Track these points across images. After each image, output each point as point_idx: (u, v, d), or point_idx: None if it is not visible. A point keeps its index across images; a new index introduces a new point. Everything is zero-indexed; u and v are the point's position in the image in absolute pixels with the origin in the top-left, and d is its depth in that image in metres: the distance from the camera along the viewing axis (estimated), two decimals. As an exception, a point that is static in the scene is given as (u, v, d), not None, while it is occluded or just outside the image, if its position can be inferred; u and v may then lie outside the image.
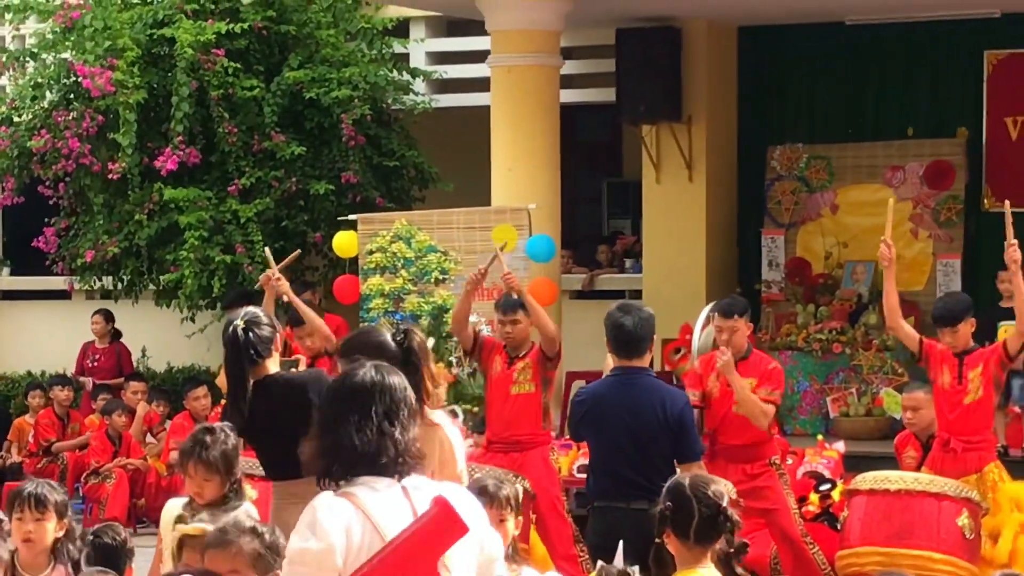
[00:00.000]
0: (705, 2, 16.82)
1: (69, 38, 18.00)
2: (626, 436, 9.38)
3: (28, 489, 7.29)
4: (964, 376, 11.27)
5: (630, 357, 9.57)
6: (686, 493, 6.09)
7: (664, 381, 10.00)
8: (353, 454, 5.14)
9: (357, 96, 17.47)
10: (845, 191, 18.08)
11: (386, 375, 5.31)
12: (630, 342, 9.57)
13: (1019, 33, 17.38)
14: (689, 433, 9.40)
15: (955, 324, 11.34)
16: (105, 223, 17.74)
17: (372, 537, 5.06)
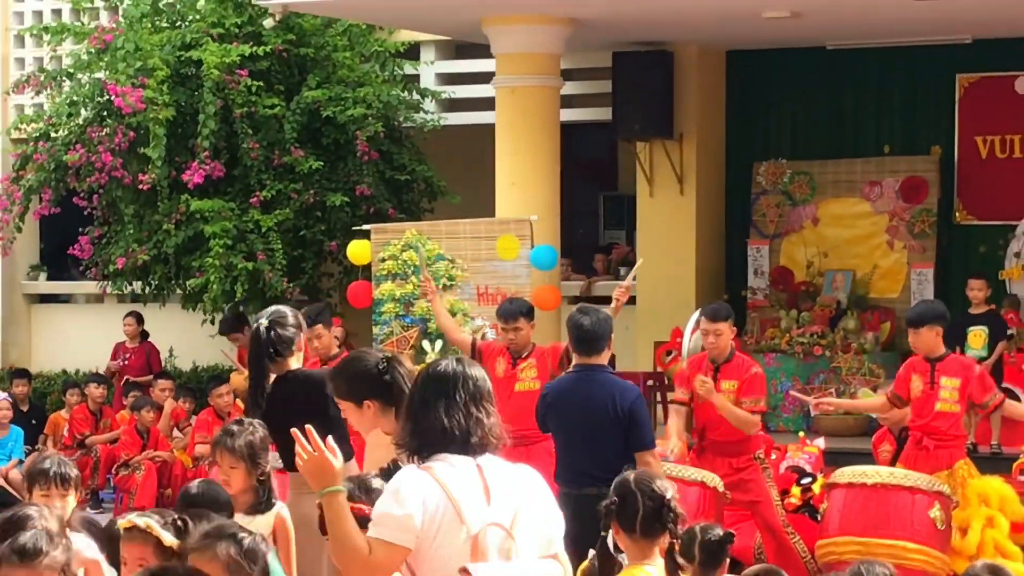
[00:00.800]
0: (696, 28, 16.83)
1: (103, 59, 18.01)
2: (581, 428, 9.45)
3: (53, 469, 7.25)
4: (936, 382, 11.27)
5: (588, 355, 9.63)
6: (631, 487, 5.99)
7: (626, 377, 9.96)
8: (442, 435, 5.43)
9: (371, 114, 17.49)
10: (826, 204, 18.10)
11: (467, 367, 5.60)
12: (588, 341, 9.60)
13: (989, 58, 17.40)
14: (639, 425, 9.34)
15: (918, 327, 11.36)
16: (135, 232, 17.76)
17: (447, 506, 5.31)
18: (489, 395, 5.61)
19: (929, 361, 11.37)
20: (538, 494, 5.56)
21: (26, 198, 18.36)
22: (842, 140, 18.27)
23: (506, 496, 5.46)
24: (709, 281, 18.07)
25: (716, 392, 11.41)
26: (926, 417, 11.33)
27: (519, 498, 5.48)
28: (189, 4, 18.25)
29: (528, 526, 5.47)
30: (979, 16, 15.82)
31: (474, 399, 5.55)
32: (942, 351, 11.44)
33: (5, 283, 20.65)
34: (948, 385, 11.27)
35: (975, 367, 11.60)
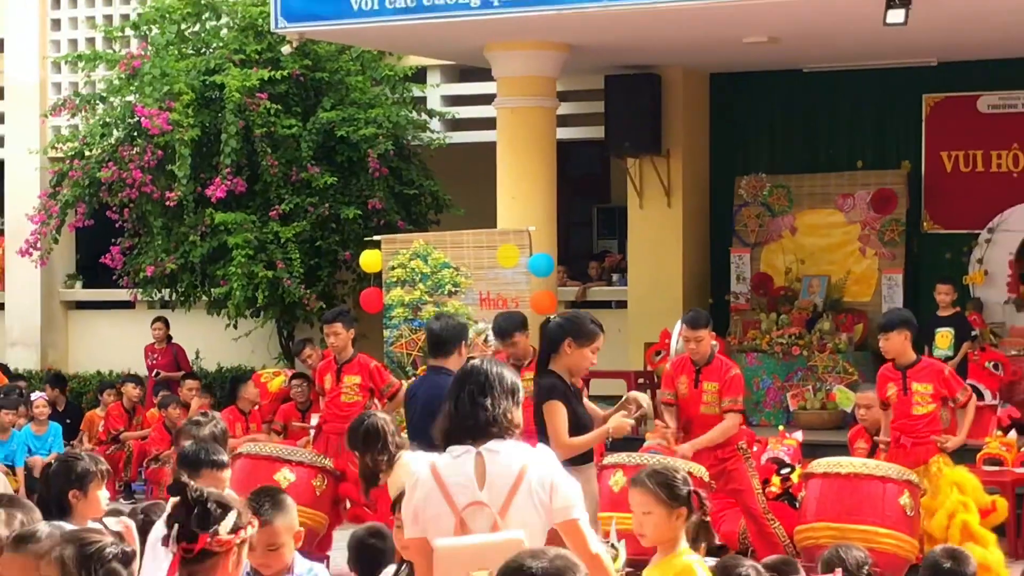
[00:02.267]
0: (681, 53, 16.80)
1: (132, 84, 18.01)
2: (419, 424, 9.37)
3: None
4: (909, 388, 11.27)
5: (436, 356, 9.70)
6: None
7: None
8: (450, 426, 5.69)
9: (381, 133, 17.48)
10: (803, 215, 18.07)
11: (485, 363, 5.81)
12: (436, 344, 9.67)
13: (953, 79, 17.38)
14: None
15: (887, 332, 11.34)
16: (164, 243, 17.74)
17: (436, 493, 5.54)
18: (502, 386, 5.67)
19: (900, 369, 11.36)
20: (542, 473, 5.55)
21: (62, 212, 18.35)
22: (817, 155, 18.24)
23: (502, 478, 5.50)
24: (695, 286, 18.04)
25: (691, 448, 11.44)
26: (903, 419, 11.33)
27: (516, 479, 5.52)
28: (212, 32, 18.26)
29: (526, 503, 5.51)
30: (943, 41, 15.80)
31: (482, 390, 5.64)
32: (912, 357, 11.40)
33: (43, 291, 20.63)
34: (920, 390, 11.26)
35: (944, 370, 11.58)
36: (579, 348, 8.75)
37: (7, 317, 20.74)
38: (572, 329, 8.80)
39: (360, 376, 12.84)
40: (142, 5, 19.18)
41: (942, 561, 6.41)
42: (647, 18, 14.34)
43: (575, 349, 8.74)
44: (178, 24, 18.19)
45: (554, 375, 8.77)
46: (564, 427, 8.66)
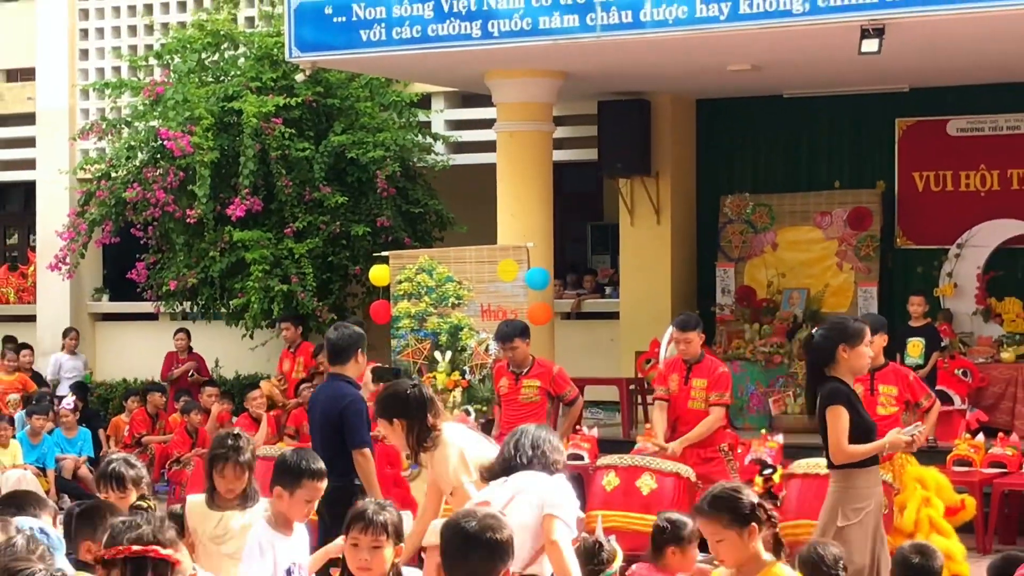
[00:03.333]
0: (669, 80, 16.84)
1: (156, 109, 18.05)
2: (316, 427, 9.52)
3: (110, 468, 7.26)
4: (875, 389, 11.28)
5: (333, 364, 9.63)
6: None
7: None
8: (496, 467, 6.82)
9: (389, 156, 17.51)
10: (784, 232, 18.08)
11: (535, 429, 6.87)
12: (335, 352, 9.58)
13: (924, 104, 17.42)
14: (351, 426, 9.21)
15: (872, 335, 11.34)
16: (185, 259, 17.77)
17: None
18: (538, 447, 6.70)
19: (869, 372, 11.37)
20: (539, 484, 6.51)
21: (90, 229, 18.38)
22: (797, 176, 18.26)
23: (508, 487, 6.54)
24: (682, 299, 18.06)
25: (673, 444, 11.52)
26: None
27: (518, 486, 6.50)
28: (231, 61, 18.30)
29: (522, 505, 6.39)
30: (915, 68, 15.84)
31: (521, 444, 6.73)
32: (882, 360, 11.44)
33: (72, 303, 20.66)
34: (885, 392, 11.26)
35: (909, 375, 11.60)
36: (853, 349, 8.69)
37: (39, 328, 20.76)
38: (841, 335, 8.72)
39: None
40: (165, 36, 19.24)
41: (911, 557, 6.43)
42: (637, 48, 14.37)
43: (850, 351, 8.67)
44: (199, 54, 18.23)
45: (836, 380, 8.66)
46: (845, 433, 8.57)
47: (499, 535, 4.94)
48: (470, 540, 4.92)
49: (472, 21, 14.33)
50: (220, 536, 7.18)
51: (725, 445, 11.90)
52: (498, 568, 4.93)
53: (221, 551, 7.16)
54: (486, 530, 4.93)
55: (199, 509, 7.31)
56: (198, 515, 7.29)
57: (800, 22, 13.24)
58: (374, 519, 5.75)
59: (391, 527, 5.78)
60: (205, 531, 7.21)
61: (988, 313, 17.16)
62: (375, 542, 5.71)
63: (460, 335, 14.67)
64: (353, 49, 14.98)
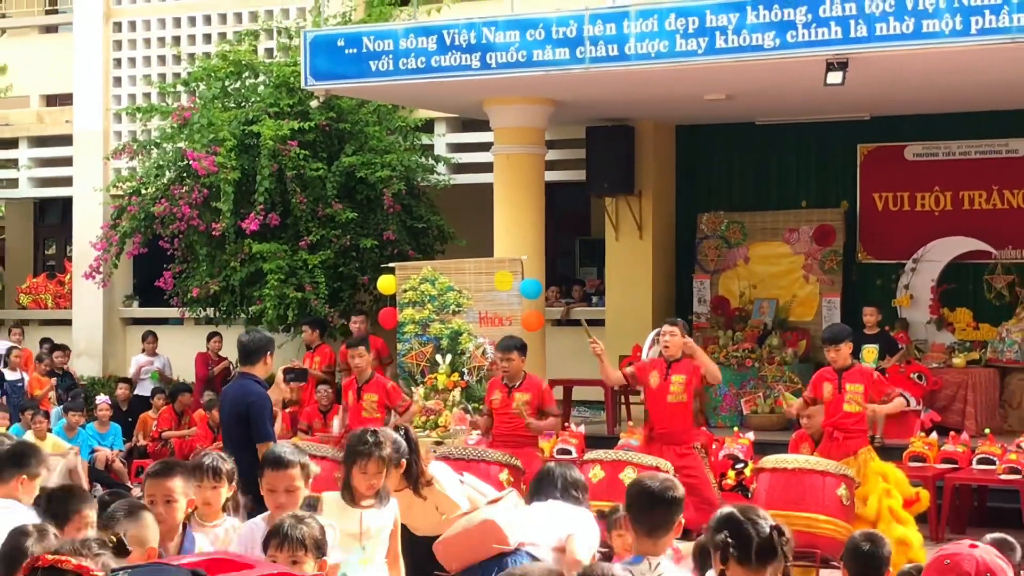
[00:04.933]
0: (651, 108, 16.85)
1: (183, 132, 18.04)
2: (227, 422, 9.52)
3: (206, 462, 6.71)
4: (843, 388, 11.32)
5: (243, 364, 9.69)
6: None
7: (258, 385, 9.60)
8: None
9: (395, 176, 17.50)
10: (755, 247, 18.10)
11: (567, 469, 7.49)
12: (245, 354, 9.63)
13: (884, 131, 17.45)
14: (256, 422, 9.21)
15: (838, 344, 11.41)
16: (208, 268, 17.75)
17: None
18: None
19: (837, 371, 11.42)
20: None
21: (122, 241, 18.36)
22: (768, 195, 18.28)
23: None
24: (663, 307, 18.06)
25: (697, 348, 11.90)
26: (836, 415, 11.37)
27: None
28: (251, 89, 18.29)
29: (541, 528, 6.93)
30: (875, 99, 15.86)
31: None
32: (850, 363, 11.50)
33: (105, 309, 20.65)
34: (852, 390, 11.32)
35: (873, 374, 11.65)
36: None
37: (74, 331, 20.74)
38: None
39: (377, 395, 12.85)
40: (192, 65, 19.24)
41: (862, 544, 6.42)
42: (622, 79, 14.39)
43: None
44: (222, 81, 18.23)
45: None
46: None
47: (676, 493, 5.54)
48: (653, 495, 5.47)
49: (472, 53, 14.34)
50: (361, 533, 6.73)
51: (699, 444, 11.90)
52: (674, 520, 5.51)
53: (360, 547, 6.73)
54: (667, 488, 5.52)
55: (336, 505, 6.80)
56: (335, 511, 6.76)
57: (770, 56, 13.28)
58: (290, 534, 5.22)
59: (310, 541, 5.24)
60: (345, 528, 6.66)
61: (941, 322, 17.19)
62: (293, 557, 5.19)
63: (460, 340, 14.67)
64: (363, 78, 15.00)
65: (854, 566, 6.33)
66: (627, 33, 13.66)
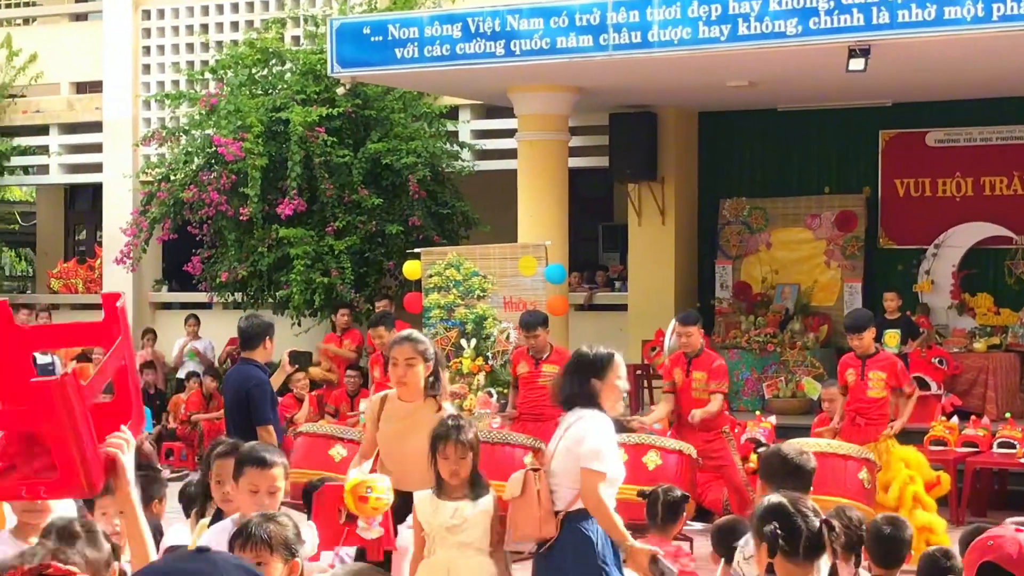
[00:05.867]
0: (674, 95, 16.81)
1: (211, 118, 18.07)
2: (228, 406, 9.60)
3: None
4: (866, 375, 11.30)
5: (244, 350, 9.73)
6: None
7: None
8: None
9: (420, 162, 17.50)
10: (777, 232, 18.06)
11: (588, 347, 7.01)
12: (245, 339, 9.68)
13: (905, 117, 17.38)
14: (255, 406, 9.26)
15: (861, 332, 11.38)
16: (236, 253, 17.79)
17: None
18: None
19: (861, 358, 11.39)
20: (579, 428, 6.60)
21: (151, 227, 18.41)
22: (789, 181, 18.23)
23: (560, 432, 6.74)
24: (685, 293, 18.04)
25: (695, 411, 11.59)
26: (858, 402, 11.36)
27: (562, 432, 6.72)
28: (278, 76, 18.31)
29: (563, 450, 6.65)
30: (897, 85, 15.80)
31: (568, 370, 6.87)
32: (873, 350, 11.47)
33: (135, 294, 20.69)
34: (875, 377, 11.31)
35: (897, 363, 11.61)
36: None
37: (104, 315, 20.75)
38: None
39: None
40: (220, 53, 19.26)
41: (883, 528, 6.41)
42: (645, 66, 14.36)
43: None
44: (249, 69, 18.24)
45: None
46: None
47: (811, 464, 5.92)
48: (787, 463, 5.81)
49: (496, 41, 14.33)
50: (457, 526, 6.61)
51: (727, 427, 11.96)
52: (808, 486, 5.76)
53: (458, 540, 6.64)
54: (802, 458, 5.91)
55: (428, 503, 6.69)
56: (428, 509, 6.69)
57: (793, 43, 13.24)
58: (254, 533, 4.67)
59: (277, 541, 4.66)
60: (440, 522, 6.63)
61: (962, 307, 17.13)
62: (257, 558, 4.58)
63: (484, 324, 14.65)
64: (389, 65, 15.00)
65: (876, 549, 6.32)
66: (650, 20, 13.63)
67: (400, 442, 7.25)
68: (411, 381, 7.25)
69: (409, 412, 7.30)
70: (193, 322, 19.26)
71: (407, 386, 7.26)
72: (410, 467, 7.01)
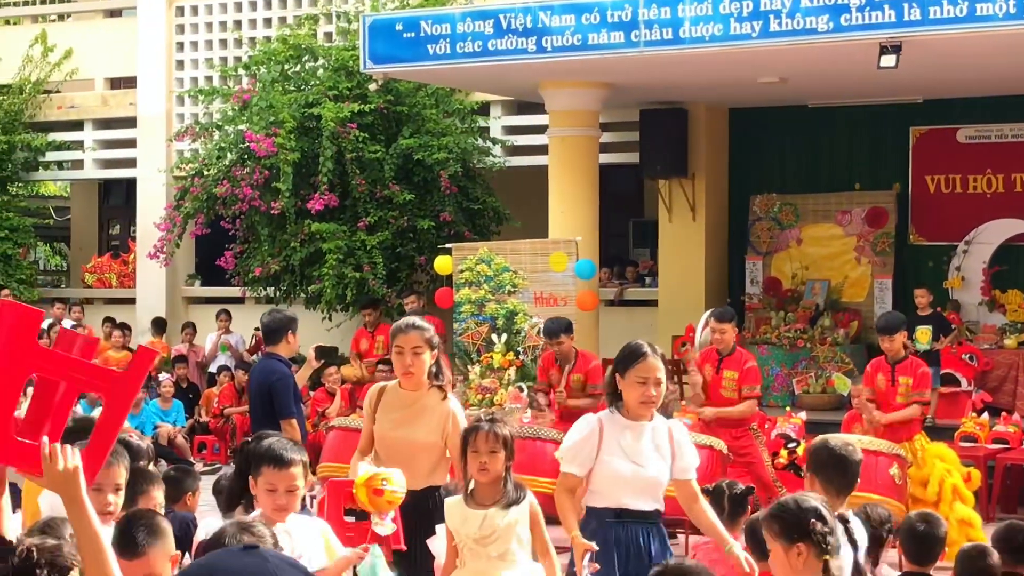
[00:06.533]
0: (705, 91, 16.77)
1: (243, 114, 18.10)
2: (252, 400, 9.65)
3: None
4: (896, 380, 11.25)
5: (267, 344, 9.75)
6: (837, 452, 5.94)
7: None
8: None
9: (451, 158, 17.50)
10: (807, 229, 18.00)
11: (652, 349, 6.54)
12: (268, 334, 9.70)
13: (936, 114, 17.31)
14: (279, 399, 9.31)
15: (893, 334, 11.33)
16: (269, 248, 17.82)
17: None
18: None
19: (890, 363, 11.34)
20: (676, 435, 6.55)
21: (184, 222, 18.47)
22: (820, 178, 18.17)
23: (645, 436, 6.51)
24: (715, 288, 18.00)
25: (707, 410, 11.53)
26: (888, 407, 11.31)
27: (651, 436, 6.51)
28: (311, 72, 18.33)
29: (655, 454, 6.48)
30: (928, 82, 15.73)
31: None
32: (902, 353, 11.41)
33: (168, 288, 20.76)
34: (904, 382, 11.27)
35: (920, 368, 11.51)
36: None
37: (138, 310, 20.86)
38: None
39: None
40: (252, 49, 19.29)
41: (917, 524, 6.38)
42: (676, 62, 14.33)
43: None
44: (282, 65, 18.27)
45: None
46: None
47: (857, 456, 6.04)
48: (834, 455, 5.90)
49: (528, 37, 14.32)
50: (486, 537, 6.12)
51: (755, 424, 11.91)
52: (855, 477, 5.96)
53: (489, 552, 6.14)
54: (848, 449, 6.01)
55: (458, 510, 6.22)
56: (457, 517, 6.21)
57: (824, 39, 13.19)
58: (228, 544, 4.37)
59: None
60: (468, 532, 6.15)
61: (993, 304, 17.05)
62: None
63: (515, 319, 14.64)
64: (421, 62, 15.00)
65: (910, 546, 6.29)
66: (681, 17, 13.59)
67: (400, 430, 7.04)
68: (417, 370, 7.05)
69: (412, 401, 7.11)
70: (224, 317, 19.30)
71: (413, 376, 7.06)
72: (410, 458, 6.81)
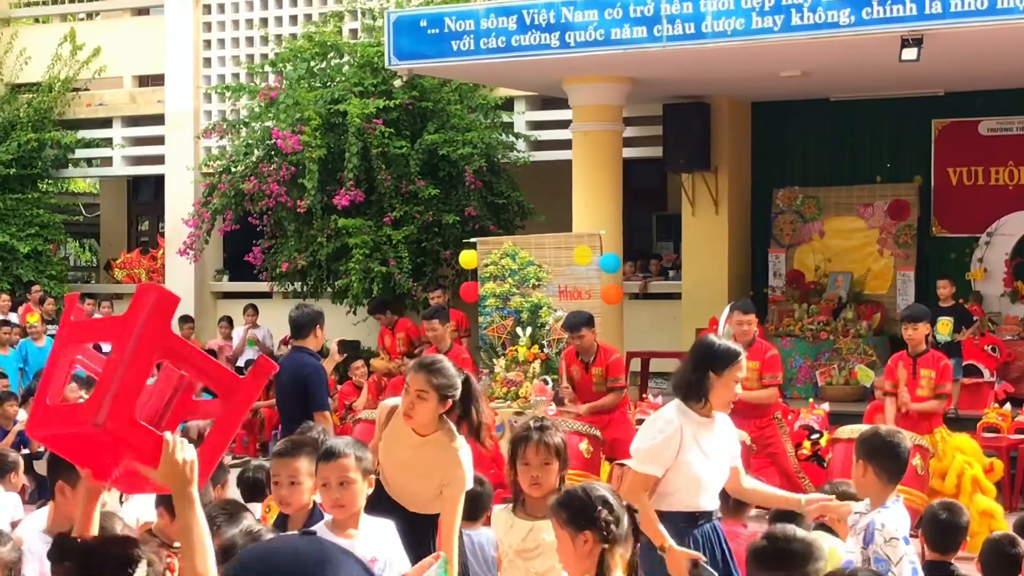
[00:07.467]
0: (727, 85, 16.75)
1: (270, 111, 18.15)
2: (283, 393, 9.71)
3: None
4: (918, 373, 11.26)
5: (295, 338, 9.84)
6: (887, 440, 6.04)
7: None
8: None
9: (476, 153, 17.52)
10: (830, 221, 17.98)
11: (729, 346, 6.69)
12: (296, 328, 9.80)
13: (958, 107, 17.25)
14: (312, 393, 9.42)
15: (917, 323, 11.34)
16: (296, 244, 17.87)
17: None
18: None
19: (912, 356, 11.35)
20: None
21: (212, 218, 18.53)
22: (842, 171, 18.14)
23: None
24: (738, 282, 17.99)
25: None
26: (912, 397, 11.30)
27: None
28: (336, 69, 18.37)
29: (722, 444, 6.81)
30: (950, 74, 15.68)
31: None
32: (924, 346, 11.41)
33: (196, 283, 20.85)
34: (925, 375, 11.28)
35: (941, 361, 11.51)
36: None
37: (166, 305, 20.89)
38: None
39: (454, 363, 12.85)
40: (279, 46, 19.34)
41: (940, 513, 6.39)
42: (699, 56, 14.32)
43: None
44: (308, 62, 18.31)
45: None
46: None
47: (907, 443, 6.01)
48: (887, 442, 5.97)
49: (551, 32, 14.33)
50: (529, 550, 5.70)
51: (779, 414, 11.89)
52: (904, 464, 6.03)
53: (530, 568, 5.72)
54: (898, 437, 6.05)
55: (504, 519, 5.86)
56: (502, 525, 5.85)
57: (846, 33, 13.17)
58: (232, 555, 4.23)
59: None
60: (511, 543, 5.78)
61: (1015, 295, 17.01)
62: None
63: (540, 313, 14.65)
64: (445, 58, 15.02)
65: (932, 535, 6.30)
66: (704, 11, 13.59)
67: (401, 473, 6.37)
68: (417, 416, 6.19)
69: (417, 443, 6.28)
70: (252, 312, 19.36)
71: (412, 420, 6.22)
72: (409, 492, 6.34)
